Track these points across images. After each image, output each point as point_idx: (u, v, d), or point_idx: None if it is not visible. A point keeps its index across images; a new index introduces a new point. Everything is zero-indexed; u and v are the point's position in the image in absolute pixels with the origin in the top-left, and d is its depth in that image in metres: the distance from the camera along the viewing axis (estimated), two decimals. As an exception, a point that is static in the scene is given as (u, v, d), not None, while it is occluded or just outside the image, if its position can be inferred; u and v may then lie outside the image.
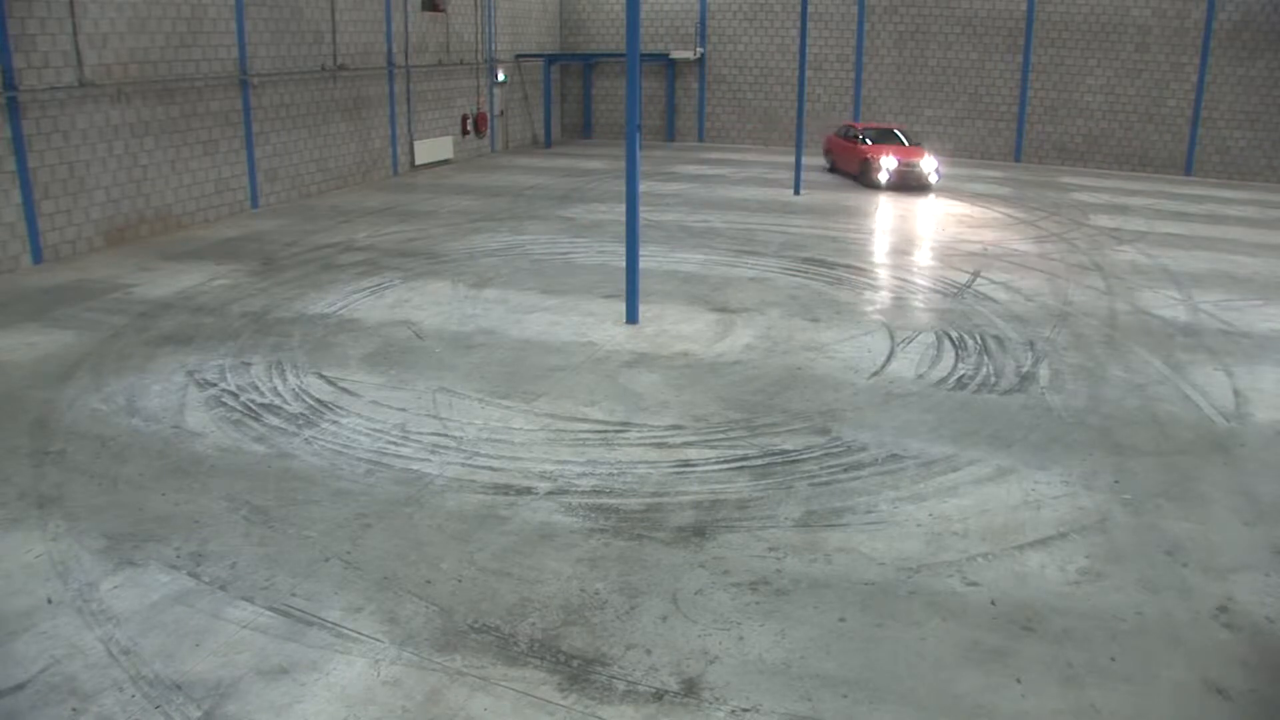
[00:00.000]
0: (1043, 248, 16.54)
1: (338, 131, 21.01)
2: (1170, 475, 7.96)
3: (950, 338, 11.37)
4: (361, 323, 11.60)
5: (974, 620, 5.90)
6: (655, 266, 14.28)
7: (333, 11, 20.41)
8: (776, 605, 6.02)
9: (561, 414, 8.94)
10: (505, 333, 11.28)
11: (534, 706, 5.09)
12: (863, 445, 8.36)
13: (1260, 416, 9.26)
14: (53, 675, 5.25)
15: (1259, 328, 12.16)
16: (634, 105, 11.16)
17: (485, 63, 26.86)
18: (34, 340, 10.74)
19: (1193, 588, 6.33)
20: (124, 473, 7.67)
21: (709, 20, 30.17)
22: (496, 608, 5.95)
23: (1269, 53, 25.35)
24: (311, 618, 5.81)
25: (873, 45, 28.81)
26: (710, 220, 18.29)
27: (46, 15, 13.95)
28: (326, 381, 9.66)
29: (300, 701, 5.09)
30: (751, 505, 7.28)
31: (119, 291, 12.77)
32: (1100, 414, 9.20)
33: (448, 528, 6.89)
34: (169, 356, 10.33)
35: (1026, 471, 7.93)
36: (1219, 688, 5.35)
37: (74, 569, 6.29)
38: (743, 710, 5.08)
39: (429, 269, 14.23)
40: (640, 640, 5.65)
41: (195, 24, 16.71)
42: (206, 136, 17.19)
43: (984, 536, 6.89)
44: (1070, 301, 13.14)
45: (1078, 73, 27.04)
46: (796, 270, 14.47)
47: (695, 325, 11.70)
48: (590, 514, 7.12)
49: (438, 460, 7.96)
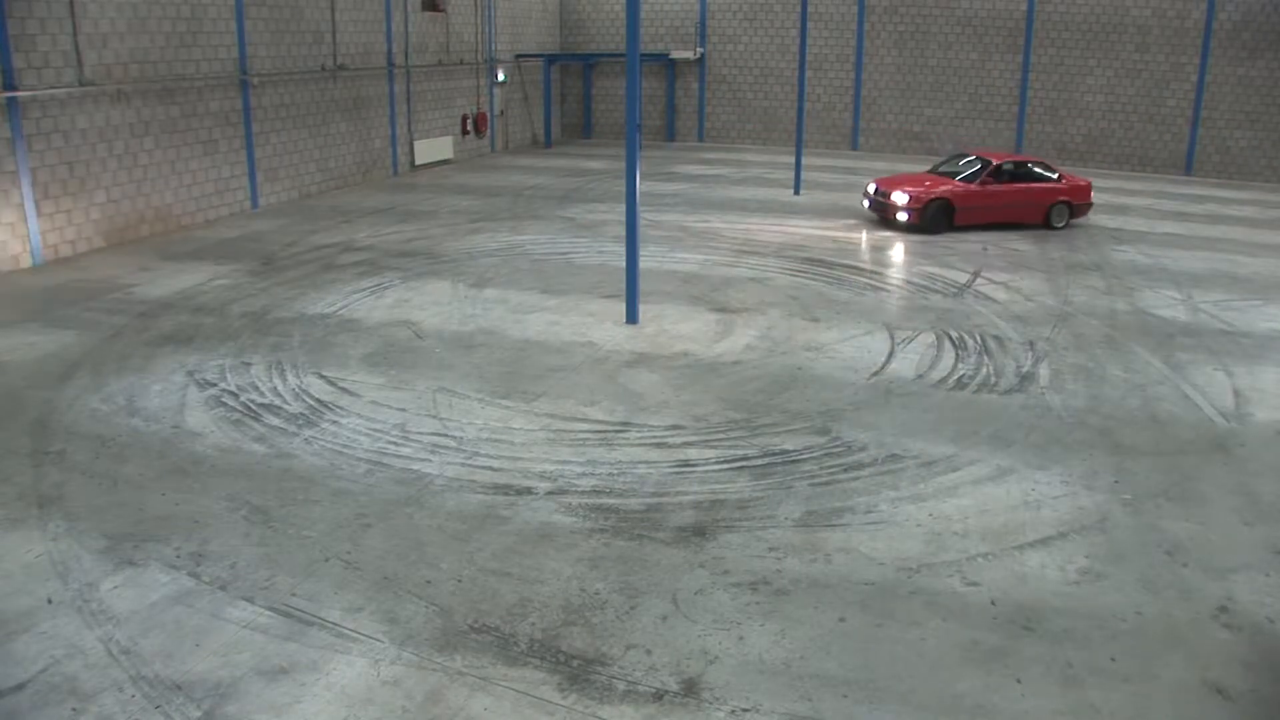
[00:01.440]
0: (1043, 248, 16.53)
1: (338, 131, 21.00)
2: (1170, 475, 7.96)
3: (950, 337, 11.37)
4: (361, 323, 11.60)
5: (974, 620, 5.90)
6: (655, 266, 14.28)
7: (333, 11, 20.41)
8: (776, 605, 6.02)
9: (561, 414, 8.94)
10: (505, 333, 11.28)
11: (534, 706, 5.09)
12: (863, 445, 8.36)
13: (1260, 416, 9.26)
14: (53, 675, 5.25)
15: (1259, 328, 12.16)
16: (634, 105, 11.16)
17: (485, 63, 26.86)
18: (34, 340, 10.74)
19: (1193, 588, 6.33)
20: (124, 473, 7.67)
21: (709, 20, 30.17)
22: (496, 608, 5.95)
23: (1269, 53, 25.34)
24: (311, 618, 5.81)
25: (873, 45, 28.80)
26: (710, 220, 18.28)
27: (46, 15, 13.94)
28: (326, 381, 9.66)
29: (300, 701, 5.09)
30: (751, 505, 7.28)
31: (119, 291, 12.77)
32: (1100, 414, 9.20)
33: (448, 528, 6.89)
34: (169, 356, 10.33)
35: (1026, 471, 7.93)
36: (1219, 688, 5.35)
37: (74, 569, 6.29)
38: (743, 710, 5.08)
39: (429, 269, 14.23)
40: (640, 640, 5.65)
41: (195, 24, 16.70)
42: (206, 136, 17.18)
43: (984, 536, 6.89)
44: (1070, 301, 13.14)
45: (1078, 73, 27.03)
46: (796, 270, 14.47)
47: (695, 325, 11.70)
48: (590, 514, 7.12)
49: (438, 460, 7.96)
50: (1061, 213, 18.19)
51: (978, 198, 17.71)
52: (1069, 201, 18.20)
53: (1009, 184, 18.10)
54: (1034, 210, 18.06)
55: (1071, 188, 18.35)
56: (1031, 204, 18.05)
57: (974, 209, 17.73)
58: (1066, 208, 18.19)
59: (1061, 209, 18.17)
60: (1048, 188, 18.22)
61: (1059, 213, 18.16)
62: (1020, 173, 18.31)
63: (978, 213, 17.78)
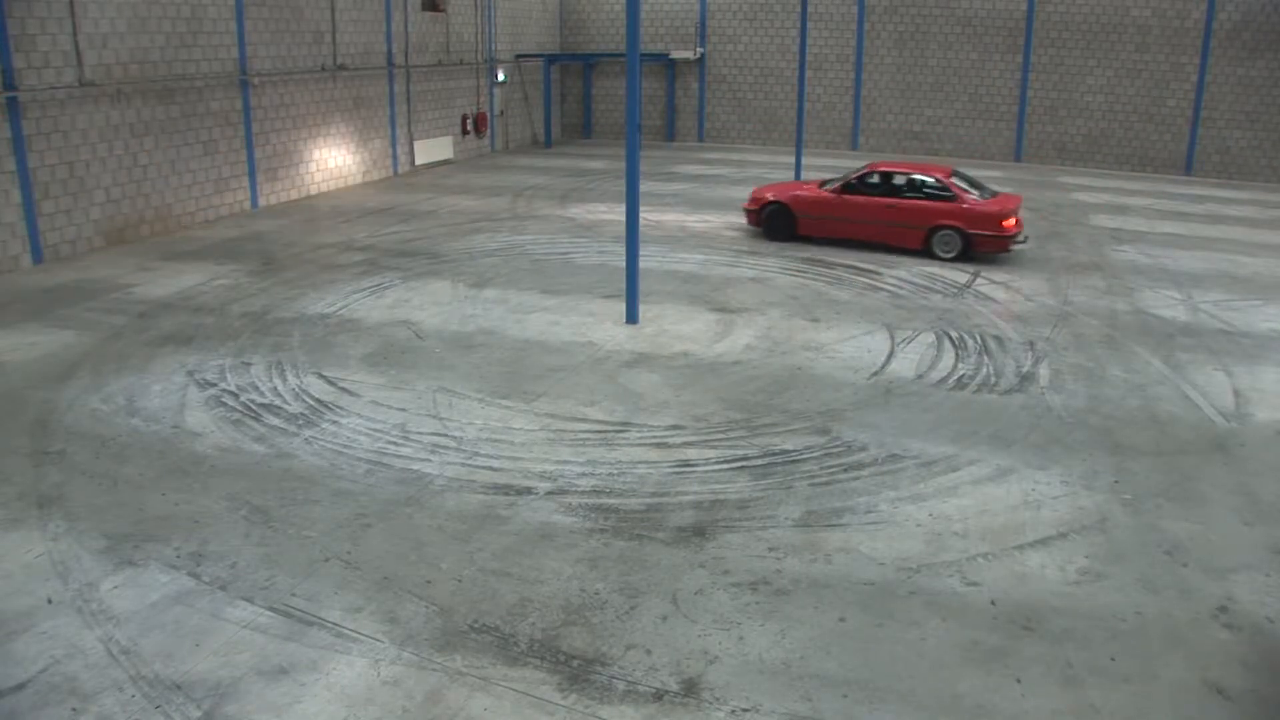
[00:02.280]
0: (1044, 248, 16.53)
1: (338, 131, 21.00)
2: (1170, 475, 7.96)
3: (950, 337, 11.37)
4: (361, 323, 11.60)
5: (974, 620, 5.90)
6: (655, 266, 14.28)
7: (333, 11, 20.40)
8: (776, 605, 6.02)
9: (561, 414, 8.94)
10: (505, 333, 11.28)
11: (534, 706, 5.09)
12: (863, 445, 8.36)
13: (1260, 416, 9.26)
14: (53, 675, 5.25)
15: (1259, 328, 12.16)
16: (634, 105, 11.16)
17: (485, 63, 26.85)
18: (34, 340, 10.74)
19: (1193, 588, 6.33)
20: (124, 473, 7.67)
21: (709, 20, 30.17)
22: (496, 608, 5.95)
23: (1269, 53, 25.34)
24: (311, 618, 5.81)
25: (873, 45, 28.80)
26: (710, 220, 18.28)
27: (46, 15, 13.94)
28: (326, 381, 9.66)
29: (300, 701, 5.09)
30: (751, 505, 7.28)
31: (119, 291, 12.77)
32: (1100, 414, 9.20)
33: (448, 528, 6.89)
34: (169, 356, 10.33)
35: (1026, 471, 7.93)
36: (1219, 688, 5.35)
37: (74, 569, 6.29)
38: (743, 710, 5.08)
39: (429, 269, 14.23)
40: (640, 640, 5.65)
41: (195, 24, 16.70)
42: (206, 136, 17.18)
43: (984, 536, 6.89)
44: (1070, 301, 13.14)
45: (1078, 73, 27.03)
46: (796, 270, 14.47)
47: (695, 325, 11.70)
48: (590, 514, 7.12)
49: (438, 460, 7.96)
50: (949, 241, 14.86)
51: (824, 207, 15.76)
52: (960, 229, 14.74)
53: (874, 197, 15.47)
54: (907, 233, 15.20)
55: (967, 213, 14.73)
56: (900, 225, 15.21)
57: (820, 219, 15.81)
58: (957, 236, 14.78)
59: (949, 237, 14.85)
60: (927, 208, 15.01)
61: (944, 241, 14.89)
62: (900, 187, 15.45)
63: (828, 224, 15.79)
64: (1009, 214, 14.68)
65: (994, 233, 14.67)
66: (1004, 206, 14.88)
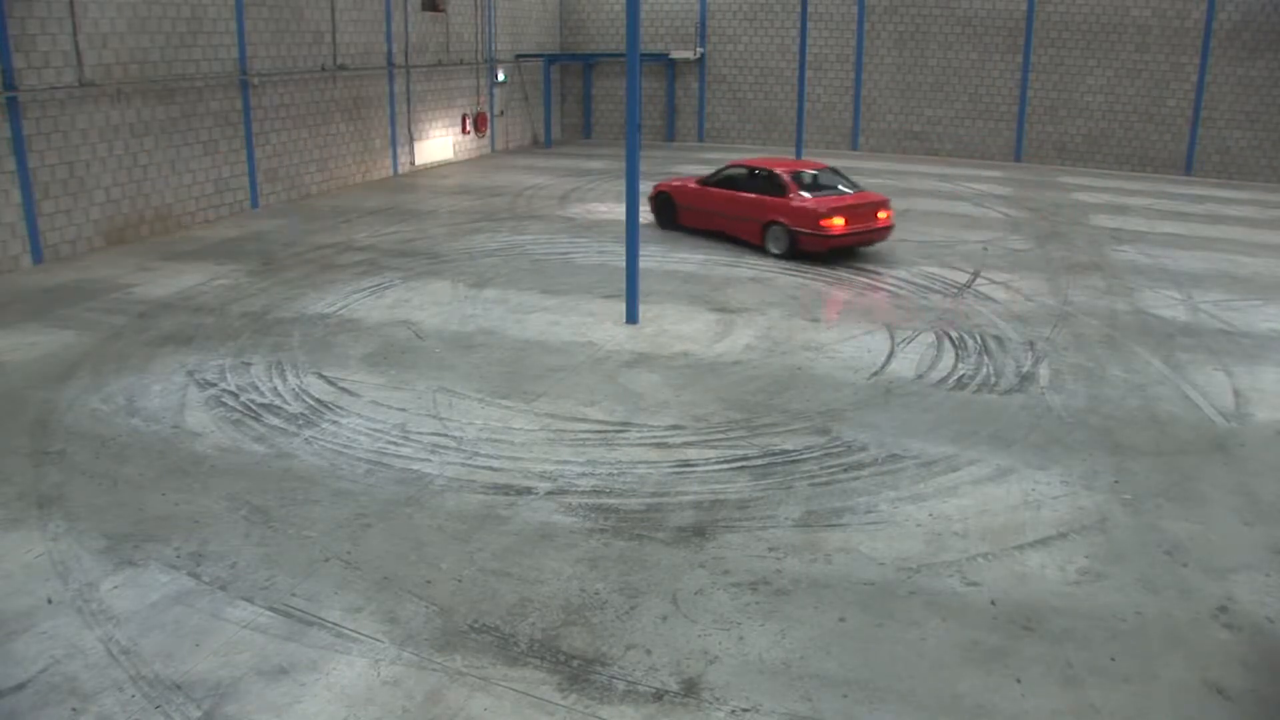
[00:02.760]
0: (1044, 248, 16.53)
1: (338, 131, 21.00)
2: (1170, 475, 7.96)
3: (950, 337, 11.37)
4: (361, 323, 11.60)
5: (974, 620, 5.90)
6: (655, 266, 14.28)
7: (333, 11, 20.40)
8: (776, 605, 6.02)
9: (561, 414, 8.94)
10: (505, 333, 11.28)
11: (534, 706, 5.09)
12: (863, 445, 8.36)
13: (1260, 416, 9.26)
14: (53, 675, 5.25)
15: (1259, 328, 12.16)
16: (634, 105, 11.16)
17: (485, 63, 26.85)
18: (34, 340, 10.74)
19: (1193, 588, 6.33)
20: (124, 473, 7.67)
21: (709, 20, 30.16)
22: (496, 608, 5.95)
23: (1269, 53, 25.34)
24: (311, 618, 5.81)
25: (873, 45, 28.80)
26: (710, 220, 18.25)
27: (46, 15, 13.94)
28: (326, 381, 9.66)
29: (300, 701, 5.09)
30: (751, 505, 7.28)
31: (119, 291, 12.77)
32: (1100, 414, 9.20)
33: (448, 528, 6.89)
34: (169, 356, 10.33)
35: (1026, 471, 7.93)
36: (1219, 688, 5.35)
37: (74, 569, 6.29)
38: (743, 710, 5.08)
39: (429, 269, 14.23)
40: (640, 640, 5.65)
41: (195, 24, 16.70)
42: (206, 136, 17.18)
43: (984, 536, 6.89)
44: (1070, 301, 13.14)
45: (1078, 73, 27.03)
46: (796, 270, 14.46)
47: (695, 325, 11.70)
48: (590, 514, 7.12)
49: (438, 460, 7.96)
50: (778, 237, 14.78)
51: (693, 198, 16.28)
52: (786, 225, 14.62)
53: (729, 190, 15.70)
54: (747, 226, 15.29)
55: (794, 210, 14.56)
56: (742, 218, 15.37)
57: (694, 210, 16.30)
58: (784, 232, 14.65)
59: (778, 232, 14.76)
60: (762, 202, 15.02)
61: (775, 236, 14.84)
62: (745, 181, 15.58)
63: (700, 215, 16.26)
64: (834, 213, 14.28)
65: (813, 231, 14.33)
66: (833, 205, 14.46)
